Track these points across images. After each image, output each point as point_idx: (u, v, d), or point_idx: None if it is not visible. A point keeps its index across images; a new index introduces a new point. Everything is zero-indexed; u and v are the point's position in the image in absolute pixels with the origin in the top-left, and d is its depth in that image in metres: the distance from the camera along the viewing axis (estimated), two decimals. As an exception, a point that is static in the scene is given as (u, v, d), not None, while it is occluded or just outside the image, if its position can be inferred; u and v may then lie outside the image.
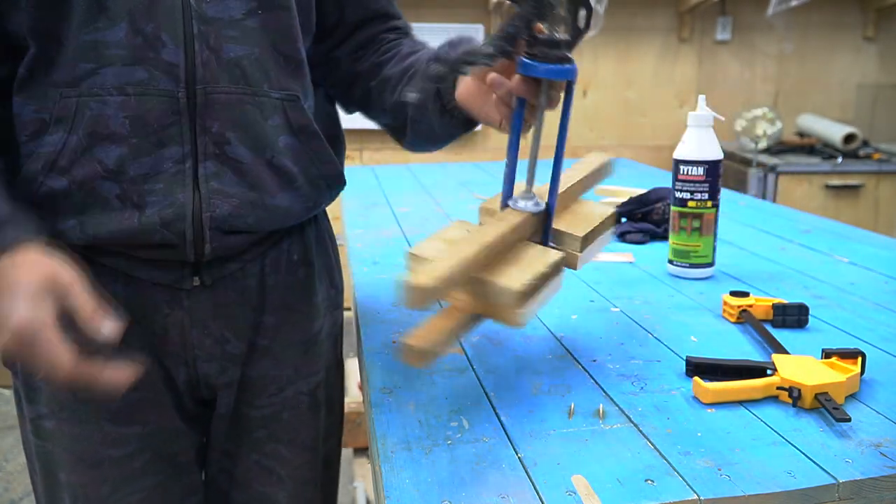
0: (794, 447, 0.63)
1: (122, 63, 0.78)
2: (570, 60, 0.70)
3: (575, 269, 0.79)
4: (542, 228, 0.77)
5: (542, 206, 0.75)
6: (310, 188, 0.90)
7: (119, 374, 0.69)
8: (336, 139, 0.97)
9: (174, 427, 0.92)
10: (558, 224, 0.78)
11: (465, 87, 0.80)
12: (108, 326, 0.68)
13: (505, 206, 0.76)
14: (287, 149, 0.86)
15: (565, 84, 0.73)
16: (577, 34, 0.69)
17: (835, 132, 3.50)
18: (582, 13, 0.68)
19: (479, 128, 0.89)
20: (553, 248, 0.77)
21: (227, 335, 0.90)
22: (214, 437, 0.97)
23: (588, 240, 0.78)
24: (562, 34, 0.69)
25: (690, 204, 1.09)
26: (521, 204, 0.75)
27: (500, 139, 0.89)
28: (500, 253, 0.70)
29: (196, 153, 0.82)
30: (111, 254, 0.84)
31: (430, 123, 0.88)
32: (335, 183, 0.94)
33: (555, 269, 0.72)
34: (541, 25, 0.70)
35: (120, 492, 0.90)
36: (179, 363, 0.90)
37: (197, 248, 0.84)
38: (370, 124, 1.04)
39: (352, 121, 1.07)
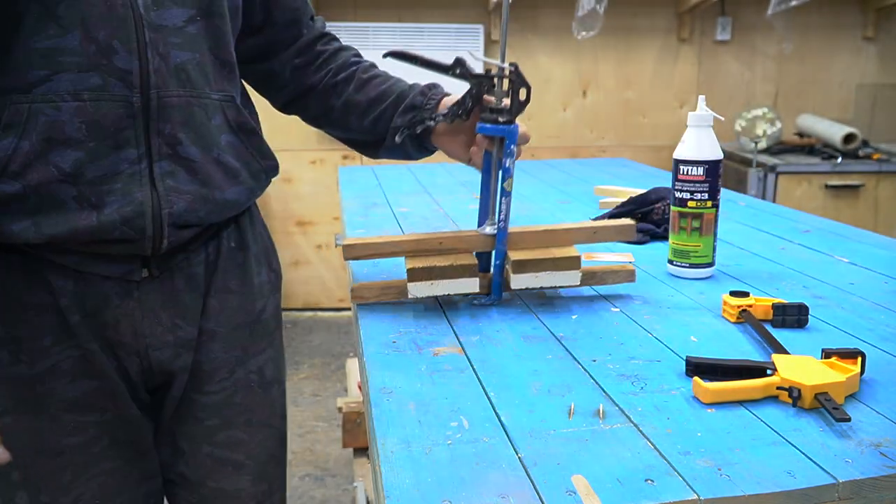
0: (794, 447, 0.63)
1: (78, 70, 0.81)
2: (509, 123, 0.93)
3: (510, 287, 0.96)
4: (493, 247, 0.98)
5: (494, 231, 0.97)
6: (252, 181, 0.97)
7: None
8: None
9: (130, 414, 0.96)
10: (516, 253, 0.97)
11: (441, 135, 1.04)
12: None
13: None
14: (229, 146, 0.93)
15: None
16: (519, 104, 0.92)
17: (834, 132, 3.51)
18: (522, 90, 0.92)
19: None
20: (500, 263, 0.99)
21: (178, 322, 0.95)
22: (167, 426, 1.00)
23: (522, 266, 0.95)
24: (503, 104, 0.92)
25: (690, 204, 1.09)
26: (482, 228, 0.99)
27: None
28: (446, 251, 0.98)
29: (151, 154, 0.86)
30: (61, 251, 0.87)
31: (408, 152, 1.09)
32: (272, 173, 1.02)
33: (456, 270, 0.94)
34: (488, 97, 0.93)
35: (81, 478, 0.93)
36: (132, 353, 0.93)
37: (155, 243, 0.88)
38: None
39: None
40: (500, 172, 0.95)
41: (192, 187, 0.89)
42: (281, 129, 1.06)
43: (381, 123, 1.06)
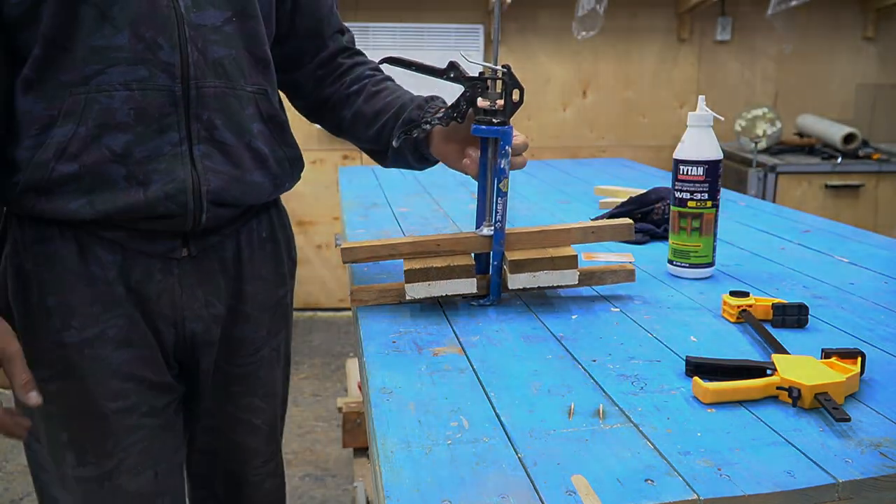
0: (794, 447, 0.63)
1: (127, 63, 0.90)
2: (503, 124, 0.94)
3: (508, 288, 0.97)
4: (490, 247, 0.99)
5: (491, 232, 0.97)
6: (277, 167, 1.05)
7: (25, 423, 0.90)
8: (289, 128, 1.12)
9: (165, 381, 1.04)
10: (514, 253, 0.97)
11: (438, 143, 1.06)
12: (33, 397, 0.89)
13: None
14: (260, 134, 1.02)
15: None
16: (512, 106, 0.94)
17: (834, 132, 3.50)
18: (515, 91, 0.94)
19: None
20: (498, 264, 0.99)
21: (211, 299, 1.05)
22: (202, 393, 1.11)
23: (520, 266, 0.95)
24: (497, 106, 0.93)
25: (690, 204, 1.09)
26: (479, 230, 0.99)
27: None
28: (443, 253, 0.98)
29: (190, 137, 0.95)
30: (113, 228, 0.96)
31: (408, 162, 1.13)
32: (297, 164, 1.11)
33: (454, 271, 0.95)
34: (482, 100, 0.94)
35: (123, 443, 1.00)
36: (168, 324, 1.02)
37: (195, 218, 0.96)
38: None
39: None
40: (496, 173, 0.95)
41: (225, 168, 0.98)
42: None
43: (384, 134, 1.12)
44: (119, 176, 0.92)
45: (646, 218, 1.39)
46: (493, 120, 0.94)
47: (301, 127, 1.28)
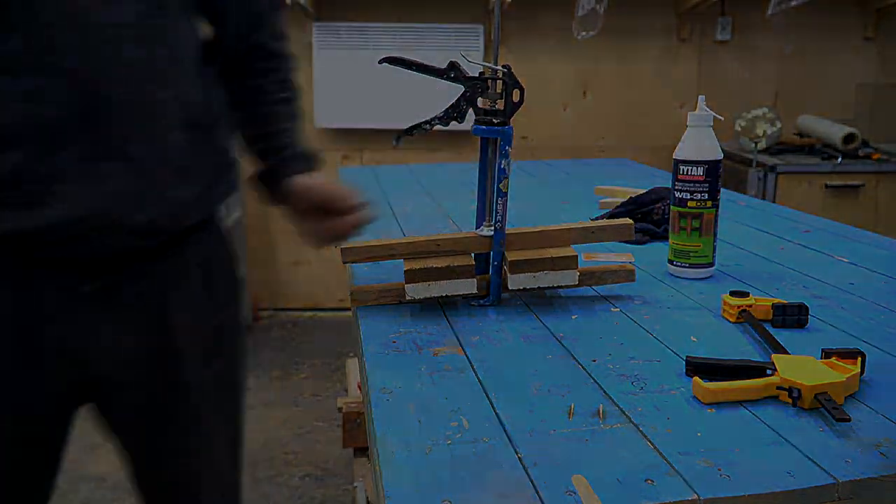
0: (794, 447, 0.63)
1: (22, 70, 0.79)
2: (504, 124, 0.94)
3: (508, 288, 0.97)
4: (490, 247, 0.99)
5: (491, 232, 0.97)
6: (206, 178, 0.94)
7: None
8: (224, 127, 1.01)
9: (33, 435, 0.93)
10: (514, 253, 0.97)
11: (299, 197, 1.02)
12: None
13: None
14: (180, 143, 0.89)
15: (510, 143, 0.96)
16: (512, 107, 0.94)
17: (834, 132, 3.50)
18: (516, 91, 0.93)
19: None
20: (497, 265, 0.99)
21: (123, 337, 0.92)
22: (130, 431, 1.00)
23: (520, 267, 0.95)
24: (498, 106, 0.94)
25: (690, 204, 1.09)
26: (479, 230, 1.00)
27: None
28: (443, 253, 0.98)
29: (96, 154, 0.82)
30: (8, 254, 0.85)
31: (266, 187, 1.05)
32: (228, 171, 0.99)
33: (454, 271, 0.95)
34: (482, 99, 0.94)
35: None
36: (69, 366, 0.91)
37: (99, 246, 0.85)
38: (371, 124, 1.12)
39: (353, 121, 1.11)
40: (496, 173, 0.96)
41: (138, 187, 0.85)
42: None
43: (257, 157, 1.06)
44: (11, 198, 0.80)
45: (646, 218, 1.39)
46: (494, 120, 0.94)
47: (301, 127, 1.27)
